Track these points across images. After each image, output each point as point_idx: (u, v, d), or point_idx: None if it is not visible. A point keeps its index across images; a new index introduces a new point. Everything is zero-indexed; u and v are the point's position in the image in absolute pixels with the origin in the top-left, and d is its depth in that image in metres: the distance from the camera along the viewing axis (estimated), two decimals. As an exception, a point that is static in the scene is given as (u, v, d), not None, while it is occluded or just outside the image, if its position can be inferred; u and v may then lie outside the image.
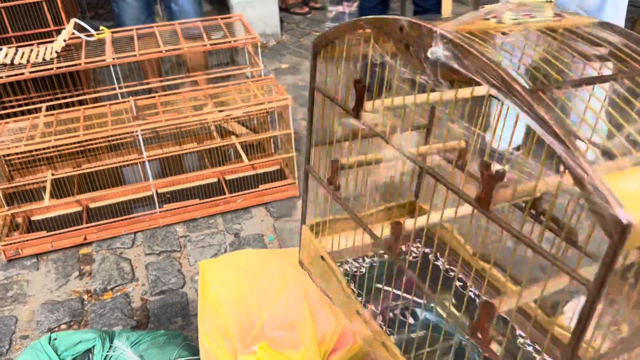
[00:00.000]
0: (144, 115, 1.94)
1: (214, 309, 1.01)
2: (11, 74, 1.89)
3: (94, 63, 1.97)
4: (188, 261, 1.90)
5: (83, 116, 1.94)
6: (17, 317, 1.71)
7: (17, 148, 1.77)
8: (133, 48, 2.05)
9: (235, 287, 1.04)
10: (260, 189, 2.13)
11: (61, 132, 1.85)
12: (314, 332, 0.96)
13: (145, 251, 1.96)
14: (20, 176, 2.11)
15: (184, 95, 2.07)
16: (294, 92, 3.05)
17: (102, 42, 2.11)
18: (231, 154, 2.30)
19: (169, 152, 2.09)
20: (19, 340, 1.63)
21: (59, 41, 2.03)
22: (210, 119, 2.17)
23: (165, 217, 2.05)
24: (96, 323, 1.67)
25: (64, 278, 1.85)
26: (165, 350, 1.16)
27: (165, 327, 1.65)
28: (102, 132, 1.85)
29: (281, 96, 2.00)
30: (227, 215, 2.12)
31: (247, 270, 1.07)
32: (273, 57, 3.55)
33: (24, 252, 1.92)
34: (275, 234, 2.02)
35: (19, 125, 1.90)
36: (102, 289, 1.79)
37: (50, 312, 1.71)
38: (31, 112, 2.04)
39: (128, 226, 2.02)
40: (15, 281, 1.84)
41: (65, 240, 1.95)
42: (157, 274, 1.85)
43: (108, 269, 1.88)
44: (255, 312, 0.99)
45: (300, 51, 3.64)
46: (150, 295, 1.76)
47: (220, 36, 2.19)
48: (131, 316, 1.69)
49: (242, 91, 2.09)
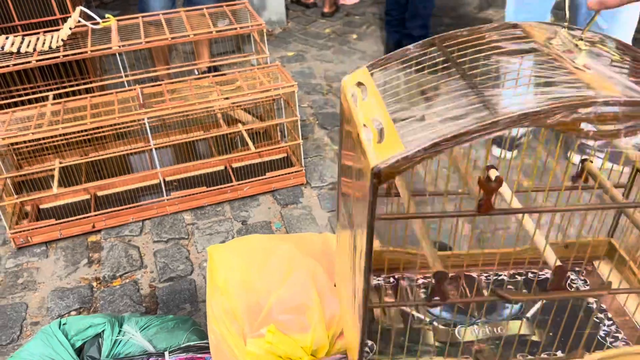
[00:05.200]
0: (151, 103, 1.94)
1: (223, 293, 1.01)
2: (18, 62, 1.89)
3: (100, 51, 1.97)
4: (196, 248, 1.91)
5: (90, 104, 1.94)
6: (28, 304, 1.72)
7: (24, 136, 1.78)
8: (139, 36, 2.04)
9: (244, 271, 1.04)
10: (267, 176, 2.13)
11: (68, 120, 1.85)
12: (322, 315, 0.96)
13: (154, 239, 1.97)
14: (28, 165, 2.12)
15: (190, 83, 2.06)
16: (301, 80, 3.04)
17: (108, 30, 2.11)
18: (238, 141, 2.30)
19: (175, 140, 2.09)
20: (30, 326, 1.65)
21: (65, 29, 2.03)
22: (216, 106, 2.17)
23: (173, 205, 2.06)
24: (105, 310, 1.68)
25: (73, 265, 1.86)
26: (174, 335, 1.17)
27: (173, 314, 1.66)
28: (109, 120, 1.85)
29: (287, 83, 1.99)
30: (234, 203, 2.12)
31: (255, 254, 1.08)
32: (279, 45, 3.53)
33: (34, 240, 1.93)
34: (282, 221, 2.02)
35: (27, 113, 1.91)
36: (111, 276, 1.80)
37: (60, 298, 1.72)
38: (38, 101, 2.04)
39: (136, 214, 2.03)
40: (25, 268, 1.86)
41: (74, 228, 1.96)
42: (165, 261, 1.85)
43: (117, 256, 1.89)
44: (263, 295, 0.99)
45: (307, 39, 3.62)
46: (159, 282, 1.77)
47: (226, 24, 2.18)
48: (140, 303, 1.70)
49: (248, 78, 2.08)
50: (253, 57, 2.29)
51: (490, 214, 0.54)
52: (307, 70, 3.18)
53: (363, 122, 0.55)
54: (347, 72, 2.98)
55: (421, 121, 0.52)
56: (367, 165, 0.50)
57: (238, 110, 2.32)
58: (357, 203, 0.60)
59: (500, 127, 0.45)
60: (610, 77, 0.50)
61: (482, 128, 0.45)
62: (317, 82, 3.03)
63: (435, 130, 0.48)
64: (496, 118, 0.46)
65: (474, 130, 0.46)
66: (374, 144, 0.51)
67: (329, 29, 3.76)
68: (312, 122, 2.65)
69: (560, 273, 0.58)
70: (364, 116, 0.56)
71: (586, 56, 0.55)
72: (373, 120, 0.54)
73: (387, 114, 0.53)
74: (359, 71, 0.64)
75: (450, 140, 0.46)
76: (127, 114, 1.87)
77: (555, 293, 0.59)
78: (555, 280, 0.58)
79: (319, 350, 0.97)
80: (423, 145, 0.47)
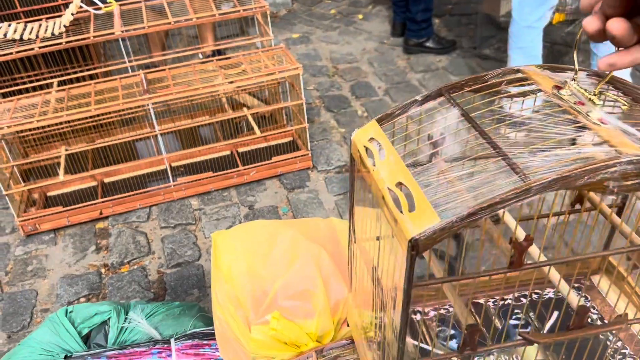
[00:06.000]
0: (155, 89, 1.92)
1: (227, 279, 1.01)
2: (21, 49, 1.88)
3: (103, 36, 1.96)
4: (203, 234, 1.91)
5: (94, 91, 1.93)
6: (38, 291, 1.73)
7: (30, 124, 1.77)
8: (142, 20, 2.02)
9: (248, 257, 1.03)
10: (273, 160, 2.12)
11: (73, 107, 1.84)
12: (327, 300, 0.96)
13: (161, 224, 1.97)
14: (34, 153, 2.13)
15: (194, 67, 2.05)
16: (306, 62, 3.01)
17: (110, 15, 2.09)
18: (244, 126, 2.29)
19: (181, 125, 2.08)
20: (40, 313, 1.66)
21: (67, 15, 2.01)
22: (221, 90, 2.15)
23: (180, 191, 2.05)
24: (114, 296, 1.69)
25: (81, 252, 1.87)
26: (180, 321, 1.17)
27: (181, 299, 1.66)
28: (114, 106, 1.84)
29: (292, 65, 1.96)
30: (240, 188, 2.11)
31: (260, 241, 1.07)
32: (284, 26, 3.49)
33: (42, 228, 1.94)
34: (289, 205, 2.01)
35: (31, 101, 1.90)
36: (119, 263, 1.81)
37: (69, 285, 1.73)
38: (42, 88, 2.03)
39: (143, 200, 2.03)
40: (34, 256, 1.87)
41: (82, 215, 1.97)
42: (173, 247, 1.86)
43: (124, 242, 1.89)
44: (268, 282, 0.98)
45: (312, 20, 3.58)
46: (167, 268, 1.78)
47: (230, 7, 2.15)
48: (148, 289, 1.71)
49: (253, 62, 2.06)
50: (257, 39, 2.26)
51: (521, 269, 0.56)
52: (313, 52, 3.15)
53: (387, 184, 0.55)
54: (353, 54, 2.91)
55: (449, 186, 0.52)
56: (401, 234, 0.51)
57: (243, 94, 2.30)
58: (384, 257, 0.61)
59: (532, 194, 0.47)
60: (626, 132, 0.52)
61: (516, 196, 0.47)
62: (322, 64, 3.00)
63: (467, 198, 0.49)
64: (529, 185, 0.47)
65: (508, 199, 0.47)
66: (405, 212, 0.51)
67: (335, 10, 3.71)
68: (318, 105, 2.62)
69: (582, 313, 0.61)
70: (387, 178, 0.56)
71: (600, 109, 0.56)
72: (399, 185, 0.54)
73: (411, 177, 0.54)
74: (369, 125, 0.64)
75: (485, 209, 0.47)
76: (131, 100, 1.86)
77: (577, 332, 0.63)
78: (577, 320, 0.62)
79: (325, 336, 0.96)
80: (459, 215, 0.47)
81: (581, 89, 0.59)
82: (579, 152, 0.51)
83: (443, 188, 0.52)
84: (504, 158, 0.51)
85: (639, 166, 0.48)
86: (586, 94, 0.58)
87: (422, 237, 0.48)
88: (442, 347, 0.85)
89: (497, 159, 0.52)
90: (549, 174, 0.48)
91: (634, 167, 0.48)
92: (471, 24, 3.37)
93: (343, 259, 1.04)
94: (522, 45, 2.17)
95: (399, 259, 0.53)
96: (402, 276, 0.52)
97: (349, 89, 2.74)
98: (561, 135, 0.54)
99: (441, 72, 2.86)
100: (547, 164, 0.50)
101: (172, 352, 1.07)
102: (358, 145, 0.63)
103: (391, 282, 0.59)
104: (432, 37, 3.03)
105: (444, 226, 0.48)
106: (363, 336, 0.81)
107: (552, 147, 0.53)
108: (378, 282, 0.65)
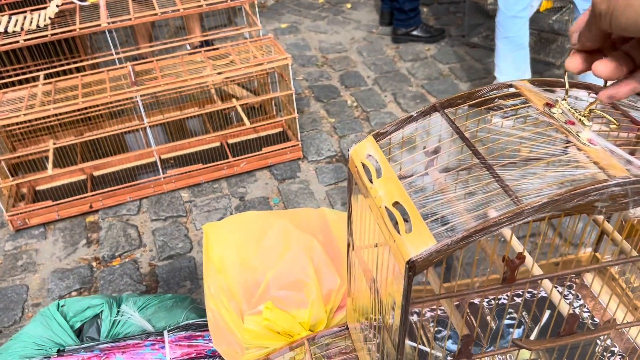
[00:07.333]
0: (143, 81, 1.91)
1: (219, 270, 1.01)
2: (6, 42, 1.85)
3: (89, 28, 1.93)
4: (194, 226, 1.91)
5: (81, 83, 1.91)
6: (28, 286, 1.73)
7: (17, 118, 1.75)
8: (128, 12, 2.00)
9: (240, 248, 1.04)
10: (263, 151, 2.12)
11: (60, 100, 1.83)
12: (319, 290, 0.96)
13: (151, 217, 1.96)
14: (22, 147, 2.11)
15: (182, 59, 2.03)
16: (295, 52, 3.00)
17: (96, 6, 2.06)
18: (233, 117, 2.28)
19: (169, 117, 2.06)
20: (31, 307, 1.66)
21: (52, 7, 1.99)
22: (210, 81, 2.14)
23: (170, 183, 2.05)
24: (106, 289, 1.68)
25: (72, 246, 1.86)
26: (172, 313, 1.17)
27: (174, 291, 1.66)
28: (101, 99, 1.82)
29: (281, 56, 1.96)
30: (231, 179, 2.11)
31: (251, 231, 1.07)
32: (272, 16, 3.48)
33: (31, 222, 1.93)
34: (280, 196, 2.01)
35: (18, 94, 1.88)
36: (110, 256, 1.80)
37: (60, 279, 1.73)
38: (29, 81, 2.01)
39: (133, 193, 2.02)
40: (24, 250, 1.86)
41: (71, 209, 1.96)
42: (164, 239, 1.85)
43: (115, 235, 1.89)
44: (260, 272, 0.99)
45: (300, 9, 3.56)
46: (158, 261, 1.78)
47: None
48: (140, 281, 1.70)
49: (241, 52, 2.05)
50: (245, 30, 2.25)
51: (514, 284, 0.59)
52: (302, 42, 3.14)
53: (385, 203, 0.57)
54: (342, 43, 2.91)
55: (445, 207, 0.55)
56: (399, 254, 0.53)
57: (232, 85, 2.29)
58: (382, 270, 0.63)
59: (524, 217, 0.50)
60: (613, 152, 0.55)
61: (508, 219, 0.50)
62: (311, 54, 2.99)
63: (462, 220, 0.53)
64: (520, 208, 0.50)
65: (501, 222, 0.50)
66: (402, 232, 0.53)
67: (323, -1, 3.69)
68: (307, 95, 2.62)
69: (572, 321, 0.65)
70: (384, 197, 0.57)
71: (589, 130, 0.58)
72: (396, 205, 0.56)
73: (408, 197, 0.56)
74: (366, 141, 0.66)
75: (479, 232, 0.50)
76: (119, 92, 1.84)
77: (567, 338, 0.67)
78: (567, 328, 0.66)
79: (317, 324, 0.97)
80: (454, 238, 0.50)
81: (571, 109, 0.60)
82: (569, 173, 0.54)
83: (439, 208, 0.55)
84: (497, 180, 0.54)
85: (626, 188, 0.51)
86: (576, 114, 0.59)
87: (419, 259, 0.51)
88: (439, 348, 0.87)
89: (490, 180, 0.55)
90: (540, 198, 0.50)
91: (622, 189, 0.51)
92: (459, 12, 3.37)
93: (335, 249, 1.04)
94: (509, 35, 2.18)
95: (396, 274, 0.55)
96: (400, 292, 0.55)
97: (338, 79, 2.74)
98: (552, 155, 0.57)
99: (430, 60, 2.86)
100: (538, 186, 0.53)
101: (166, 344, 1.08)
102: (356, 162, 0.65)
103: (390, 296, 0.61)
104: (420, 25, 3.02)
105: (440, 249, 0.51)
106: (362, 338, 0.82)
107: (543, 167, 0.55)
108: (377, 293, 0.67)
